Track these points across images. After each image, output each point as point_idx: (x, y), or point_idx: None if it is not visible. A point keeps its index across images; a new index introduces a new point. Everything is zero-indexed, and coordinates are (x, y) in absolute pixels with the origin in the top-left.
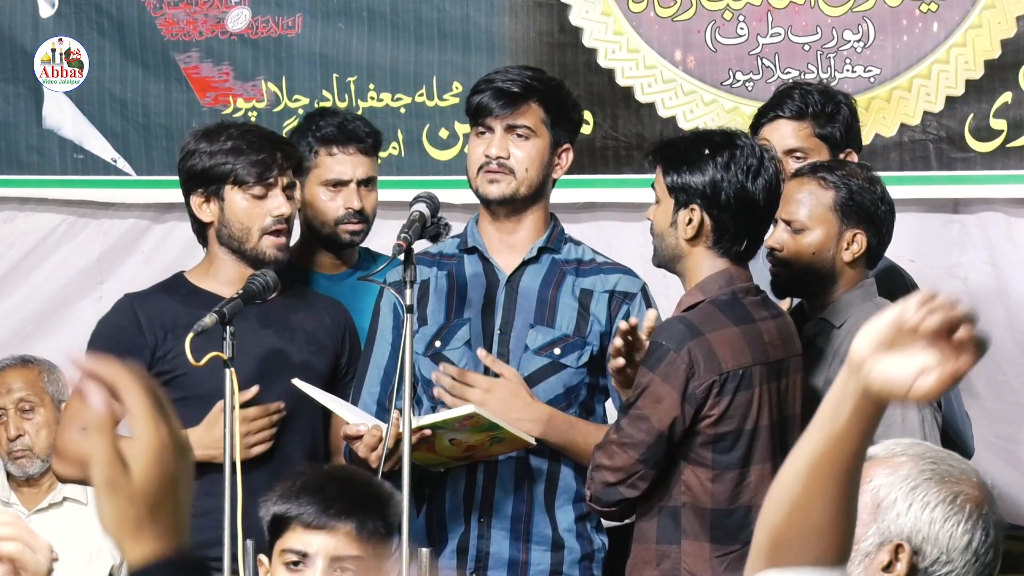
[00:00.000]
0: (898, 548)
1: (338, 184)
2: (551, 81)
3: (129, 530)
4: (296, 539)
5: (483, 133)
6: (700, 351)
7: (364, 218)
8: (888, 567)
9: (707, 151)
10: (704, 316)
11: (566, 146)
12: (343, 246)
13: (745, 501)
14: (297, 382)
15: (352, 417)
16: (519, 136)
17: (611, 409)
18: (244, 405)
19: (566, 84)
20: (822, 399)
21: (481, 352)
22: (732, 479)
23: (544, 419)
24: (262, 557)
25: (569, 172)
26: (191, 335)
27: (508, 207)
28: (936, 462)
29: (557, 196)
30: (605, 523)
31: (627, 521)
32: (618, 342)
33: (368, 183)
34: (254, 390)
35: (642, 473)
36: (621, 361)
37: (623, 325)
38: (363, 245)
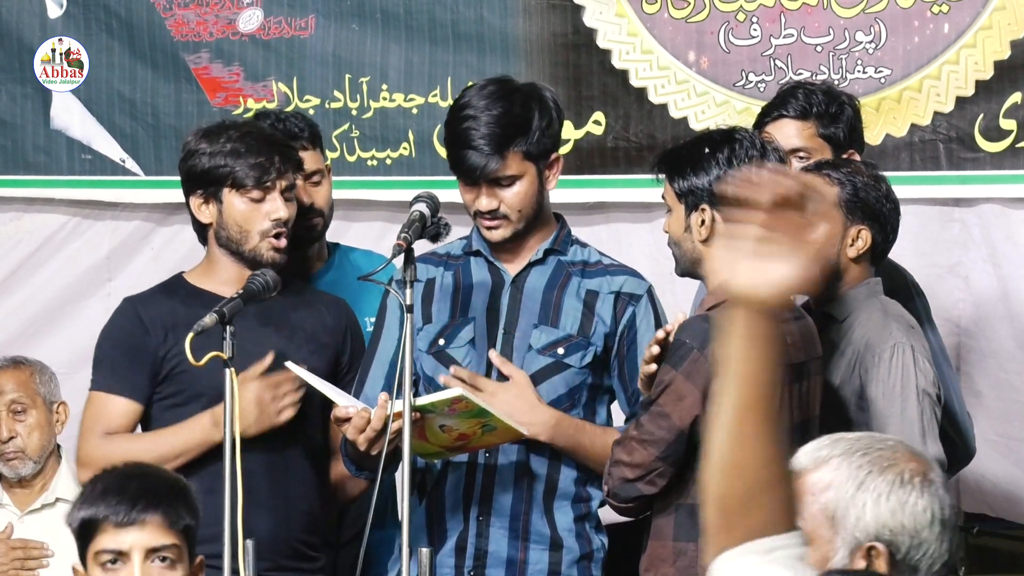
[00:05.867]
0: (870, 550)
1: None
2: (521, 110)
3: None
4: (109, 539)
5: (468, 184)
6: None
7: (318, 212)
8: (866, 571)
9: (707, 150)
10: None
11: (554, 156)
12: (304, 241)
13: None
14: (290, 364)
15: (342, 401)
16: (505, 185)
17: (616, 410)
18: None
19: (535, 95)
20: (828, 393)
21: (492, 353)
22: None
23: (552, 423)
24: (75, 566)
25: (580, 172)
26: (191, 335)
27: (511, 239)
28: (867, 451)
29: (568, 196)
30: (605, 522)
31: (631, 520)
32: (655, 349)
33: (314, 176)
34: (270, 358)
35: (661, 470)
36: (653, 367)
37: (660, 333)
38: (340, 242)
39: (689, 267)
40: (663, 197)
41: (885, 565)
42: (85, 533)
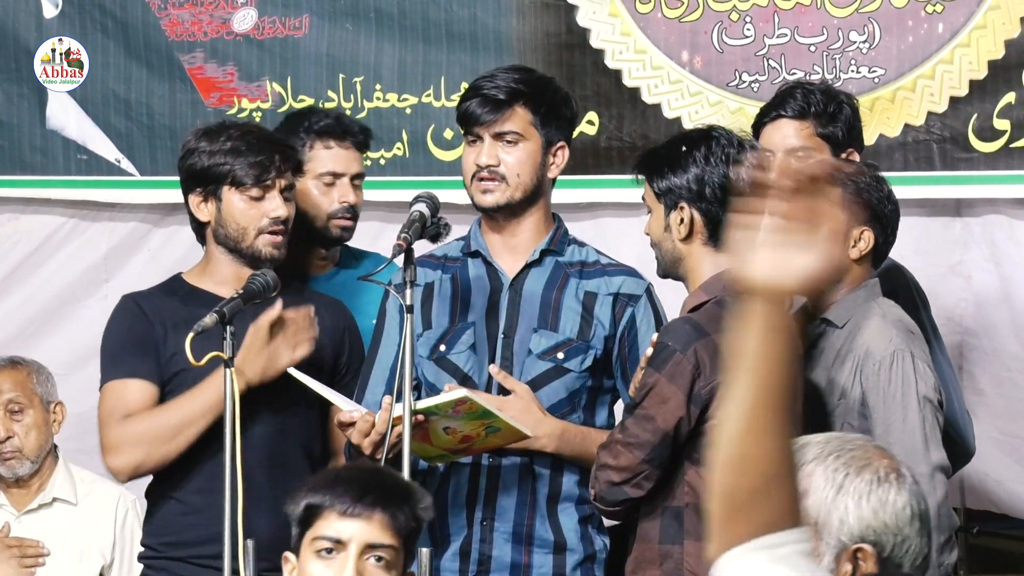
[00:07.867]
0: (856, 552)
1: (334, 177)
2: (538, 80)
3: None
4: (329, 526)
5: (473, 141)
6: (706, 352)
7: (356, 214)
8: (854, 573)
9: (684, 148)
10: (710, 317)
11: (560, 144)
12: (332, 241)
13: None
14: (292, 371)
15: (345, 405)
16: (508, 142)
17: (619, 411)
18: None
19: (556, 81)
20: (824, 399)
21: (493, 368)
22: None
23: (557, 434)
24: (287, 555)
25: (574, 172)
26: (191, 335)
27: (505, 212)
28: (839, 453)
29: (562, 196)
30: (607, 523)
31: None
32: (649, 351)
33: (358, 179)
34: (279, 305)
35: (647, 473)
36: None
37: (654, 337)
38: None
39: (670, 267)
40: (643, 198)
41: (874, 565)
42: (306, 518)
